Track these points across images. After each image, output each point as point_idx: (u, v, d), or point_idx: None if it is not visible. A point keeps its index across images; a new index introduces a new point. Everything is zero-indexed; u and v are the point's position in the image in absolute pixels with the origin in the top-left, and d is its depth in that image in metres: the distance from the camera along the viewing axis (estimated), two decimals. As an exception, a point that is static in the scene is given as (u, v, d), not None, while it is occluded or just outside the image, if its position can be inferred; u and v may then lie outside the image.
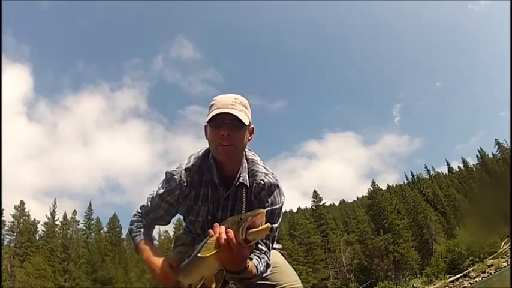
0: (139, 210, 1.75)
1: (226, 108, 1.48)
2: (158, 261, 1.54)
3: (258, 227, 1.22)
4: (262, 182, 1.60)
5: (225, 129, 1.48)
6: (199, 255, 1.28)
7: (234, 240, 1.21)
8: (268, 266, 1.61)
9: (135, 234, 1.69)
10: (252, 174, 1.62)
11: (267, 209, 1.56)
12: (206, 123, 1.55)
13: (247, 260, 1.39)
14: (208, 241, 1.27)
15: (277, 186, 1.63)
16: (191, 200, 1.65)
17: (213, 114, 1.47)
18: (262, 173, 1.63)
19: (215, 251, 1.24)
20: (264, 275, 1.60)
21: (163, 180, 1.69)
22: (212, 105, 1.55)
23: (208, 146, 1.65)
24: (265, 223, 1.24)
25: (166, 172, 1.68)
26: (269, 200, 1.60)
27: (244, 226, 1.22)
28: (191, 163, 1.65)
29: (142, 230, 1.69)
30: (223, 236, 1.22)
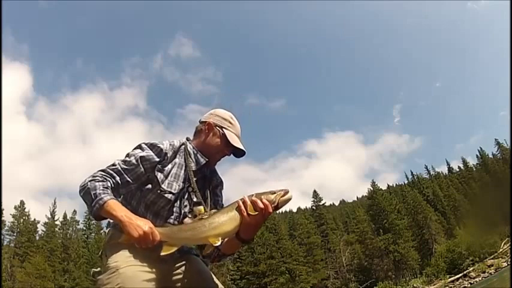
0: (102, 172, 1.60)
1: (239, 138, 1.82)
2: (141, 219, 1.47)
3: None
4: (221, 179, 1.93)
5: (231, 153, 1.83)
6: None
7: (270, 205, 1.45)
8: None
9: (101, 191, 1.50)
10: (213, 171, 1.91)
11: (220, 202, 1.90)
12: (216, 126, 1.80)
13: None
14: (248, 204, 1.45)
15: None
16: (168, 173, 1.70)
17: (238, 146, 1.79)
18: (217, 172, 1.95)
19: (256, 213, 1.43)
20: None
21: (143, 146, 1.70)
22: (230, 123, 1.83)
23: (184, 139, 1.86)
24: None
25: (145, 143, 1.72)
26: (222, 195, 1.93)
27: (281, 193, 1.48)
28: (170, 143, 1.76)
29: (109, 190, 1.54)
30: (258, 201, 1.45)
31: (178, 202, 1.70)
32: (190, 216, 1.68)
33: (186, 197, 1.73)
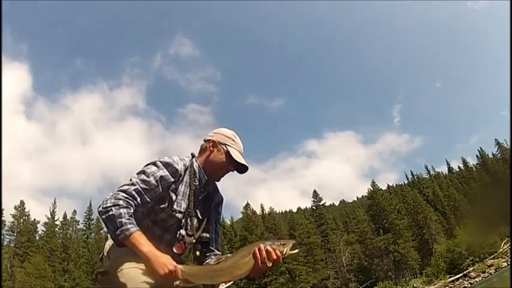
0: (124, 194, 1.61)
1: (242, 155, 1.92)
2: (165, 256, 1.54)
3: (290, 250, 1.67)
4: (222, 197, 2.05)
5: (234, 169, 1.92)
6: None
7: (281, 256, 1.59)
8: None
9: (127, 220, 1.55)
10: (215, 188, 2.02)
11: (220, 220, 2.05)
12: (220, 143, 1.90)
13: None
14: (264, 254, 1.59)
15: None
16: (178, 193, 1.81)
17: (241, 162, 1.89)
18: (219, 190, 2.06)
19: (270, 265, 1.59)
20: None
21: (159, 165, 1.76)
22: (233, 141, 1.93)
23: (189, 154, 1.95)
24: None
25: (160, 161, 1.78)
26: (222, 211, 2.07)
27: (289, 246, 1.63)
28: (183, 163, 1.84)
29: (133, 219, 1.58)
30: (273, 252, 1.57)
31: (184, 220, 1.82)
32: (185, 241, 1.82)
33: (191, 216, 1.85)
